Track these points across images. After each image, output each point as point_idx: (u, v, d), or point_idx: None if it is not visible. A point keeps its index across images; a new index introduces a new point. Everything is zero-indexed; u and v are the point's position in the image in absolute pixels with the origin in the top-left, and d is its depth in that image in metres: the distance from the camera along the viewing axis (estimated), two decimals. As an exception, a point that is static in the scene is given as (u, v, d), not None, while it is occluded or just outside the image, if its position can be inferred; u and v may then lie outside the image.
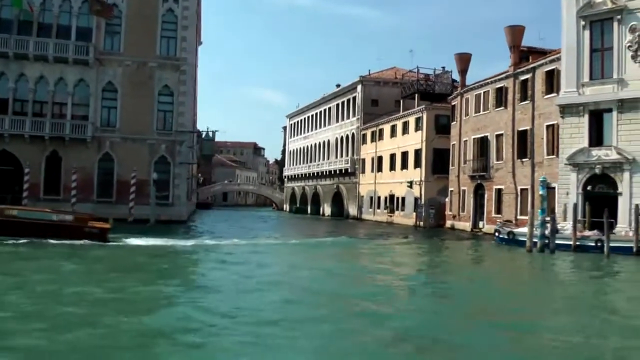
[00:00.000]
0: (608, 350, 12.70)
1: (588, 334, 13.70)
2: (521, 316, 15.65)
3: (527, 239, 33.55)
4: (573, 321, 15.54)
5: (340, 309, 15.72)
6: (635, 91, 36.35)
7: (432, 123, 57.87)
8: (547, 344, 12.75)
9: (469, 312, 16.01)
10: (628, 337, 13.60)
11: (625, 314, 16.78)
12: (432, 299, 18.43)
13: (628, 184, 36.30)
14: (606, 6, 37.76)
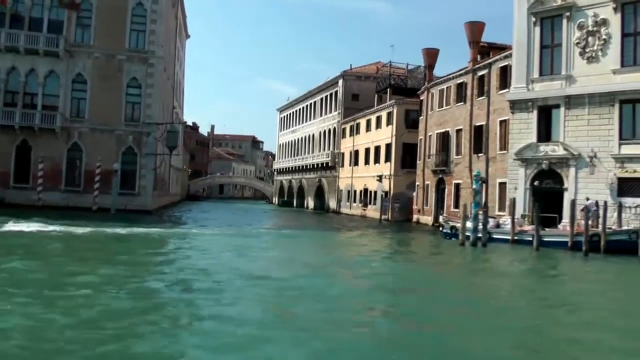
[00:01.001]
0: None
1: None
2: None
3: (460, 233, 33.79)
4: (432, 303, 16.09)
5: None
6: (582, 87, 36.59)
7: (402, 118, 58.20)
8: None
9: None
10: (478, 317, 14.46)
11: (490, 299, 17.49)
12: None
13: (573, 179, 36.60)
14: (556, 3, 38.01)
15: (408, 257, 29.93)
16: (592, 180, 35.99)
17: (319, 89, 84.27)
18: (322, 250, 30.41)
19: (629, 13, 35.84)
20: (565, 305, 16.80)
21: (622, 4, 35.89)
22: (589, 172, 35.99)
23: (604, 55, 36.23)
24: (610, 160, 35.45)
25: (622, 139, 35.30)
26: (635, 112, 35.23)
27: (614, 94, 35.46)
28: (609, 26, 36.14)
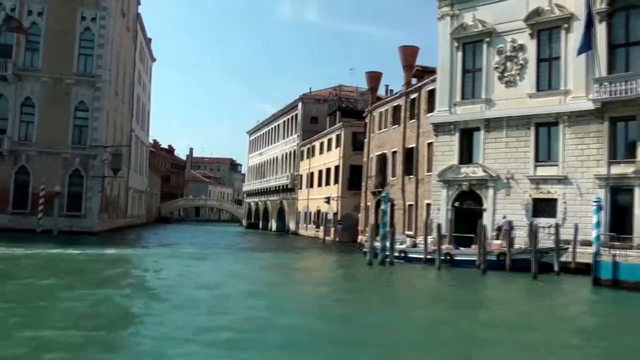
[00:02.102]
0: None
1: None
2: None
3: (368, 252, 34.51)
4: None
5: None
6: (501, 111, 37.57)
7: (349, 140, 59.12)
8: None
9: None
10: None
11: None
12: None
13: (492, 200, 37.41)
14: (477, 29, 39.04)
15: (306, 273, 30.70)
16: (509, 200, 36.86)
17: (281, 112, 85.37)
18: (222, 269, 30.99)
19: (544, 39, 36.92)
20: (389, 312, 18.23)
21: (538, 30, 37.00)
22: (506, 193, 36.82)
23: (521, 79, 37.26)
24: (526, 181, 36.35)
25: (537, 161, 36.23)
26: (550, 135, 36.15)
27: (530, 117, 36.45)
28: (525, 52, 37.22)
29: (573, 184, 34.69)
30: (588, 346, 14.98)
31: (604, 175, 33.69)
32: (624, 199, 33.44)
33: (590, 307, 23.53)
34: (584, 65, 34.68)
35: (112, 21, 54.70)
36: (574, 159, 34.81)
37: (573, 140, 34.98)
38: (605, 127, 33.98)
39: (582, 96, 34.61)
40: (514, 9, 37.60)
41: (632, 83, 32.84)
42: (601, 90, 33.63)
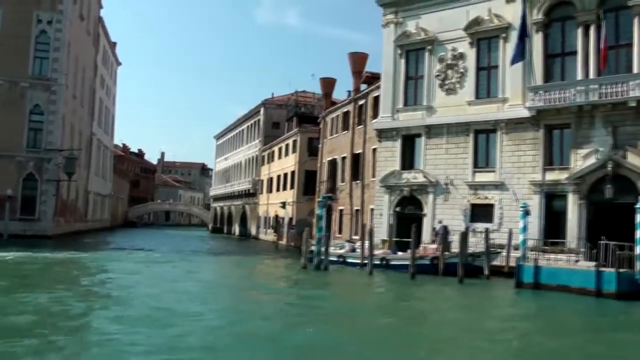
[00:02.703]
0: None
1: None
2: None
3: (302, 256, 34.92)
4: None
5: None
6: (441, 118, 38.23)
7: (305, 146, 59.61)
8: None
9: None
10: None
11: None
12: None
13: (431, 205, 38.02)
14: (419, 37, 39.72)
15: (233, 276, 31.19)
16: (448, 206, 37.50)
17: (245, 117, 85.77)
18: (154, 271, 31.35)
19: (484, 48, 37.69)
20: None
21: (478, 39, 37.75)
22: (444, 199, 37.46)
23: (461, 87, 37.97)
24: (464, 187, 36.99)
25: (476, 167, 36.90)
26: (488, 142, 36.84)
27: (469, 124, 37.14)
28: (465, 60, 37.96)
29: (509, 190, 35.40)
30: (466, 344, 15.54)
31: (539, 181, 34.44)
32: (558, 204, 34.19)
33: (496, 308, 24.10)
34: (521, 74, 35.41)
35: (68, 24, 54.76)
36: (511, 165, 35.52)
37: (510, 147, 35.70)
38: (541, 134, 34.73)
39: (519, 104, 35.34)
40: (455, 18, 38.30)
41: (565, 92, 33.64)
42: (536, 98, 34.41)
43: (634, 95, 31.52)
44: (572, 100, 33.25)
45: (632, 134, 32.07)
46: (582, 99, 32.97)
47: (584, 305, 24.04)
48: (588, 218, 33.23)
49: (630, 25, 33.13)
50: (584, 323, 20.83)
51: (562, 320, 20.84)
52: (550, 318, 21.09)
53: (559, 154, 34.65)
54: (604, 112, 32.77)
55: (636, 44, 32.67)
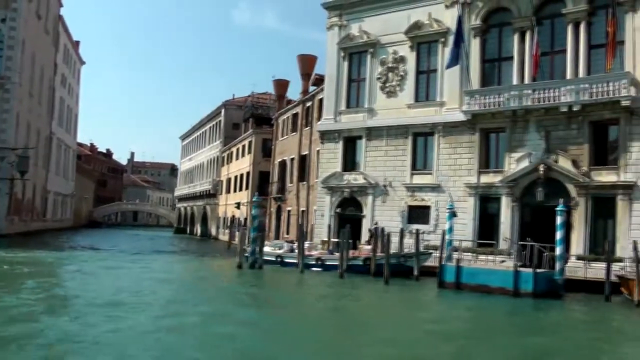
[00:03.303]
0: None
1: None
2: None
3: (238, 256, 35.12)
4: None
5: None
6: (382, 120, 38.67)
7: (259, 147, 59.82)
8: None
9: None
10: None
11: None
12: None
13: (371, 206, 38.38)
14: (362, 40, 40.13)
15: (166, 275, 31.29)
16: (387, 207, 37.89)
17: (208, 118, 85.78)
18: (87, 269, 31.42)
19: (424, 52, 38.20)
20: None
21: (418, 43, 38.23)
22: (382, 200, 37.85)
23: (401, 90, 38.42)
24: (403, 189, 37.39)
25: (414, 169, 37.32)
26: (426, 145, 37.30)
27: (408, 127, 37.59)
28: (406, 63, 38.44)
29: (445, 192, 35.85)
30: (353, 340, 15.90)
31: (474, 184, 34.95)
32: (492, 206, 34.74)
33: (401, 307, 24.35)
34: (459, 78, 35.88)
35: (23, 23, 54.42)
36: (447, 168, 36.00)
37: (447, 150, 36.18)
38: (477, 138, 35.22)
39: (455, 108, 35.84)
40: (397, 21, 38.76)
41: (500, 96, 34.22)
42: (472, 102, 34.93)
43: (565, 101, 32.10)
44: (507, 105, 33.78)
45: (564, 138, 32.69)
46: (516, 104, 33.56)
47: (494, 304, 24.45)
48: (520, 220, 33.77)
49: (564, 32, 33.71)
50: (483, 321, 21.22)
51: (464, 320, 21.25)
52: (454, 318, 21.45)
53: (494, 157, 35.24)
54: (537, 116, 33.37)
55: (569, 50, 33.27)
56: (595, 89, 31.42)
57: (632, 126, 30.98)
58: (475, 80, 35.70)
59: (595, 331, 19.65)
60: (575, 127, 32.45)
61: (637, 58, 31.46)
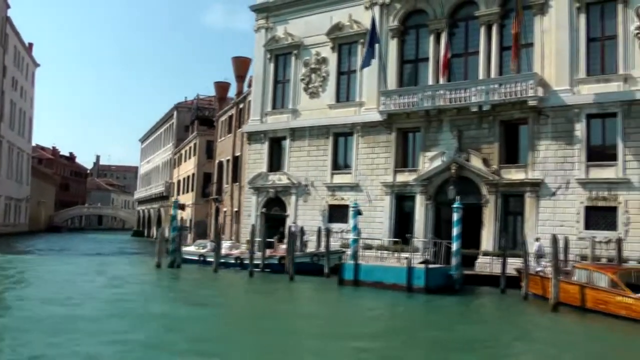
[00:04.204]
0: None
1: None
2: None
3: (156, 256, 35.38)
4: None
5: None
6: (304, 121, 39.16)
7: (203, 148, 60.08)
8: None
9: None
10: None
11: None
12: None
13: (294, 206, 38.78)
14: (287, 41, 40.60)
15: (86, 274, 31.59)
16: (309, 207, 38.32)
17: (162, 120, 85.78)
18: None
19: (344, 53, 38.73)
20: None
21: (339, 44, 38.75)
22: (303, 200, 38.29)
23: (323, 91, 38.91)
24: (324, 188, 37.82)
25: (334, 169, 37.75)
26: (346, 144, 37.76)
27: (329, 127, 38.07)
28: (328, 64, 38.93)
29: (363, 191, 36.30)
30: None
31: (390, 183, 35.43)
32: (407, 205, 35.26)
33: (295, 302, 24.95)
34: (377, 78, 36.37)
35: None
36: (365, 167, 36.50)
37: (365, 149, 36.68)
38: (393, 137, 35.72)
39: (373, 108, 36.35)
40: (319, 23, 39.23)
41: (414, 96, 34.72)
42: (388, 102, 35.48)
43: (476, 101, 32.65)
44: (420, 105, 34.30)
45: (476, 137, 33.31)
46: (429, 104, 34.07)
47: (376, 298, 25.12)
48: (435, 218, 34.34)
49: (478, 34, 34.35)
50: (343, 315, 21.76)
51: (332, 313, 21.87)
52: (324, 311, 22.10)
53: (410, 156, 35.75)
54: (450, 116, 33.97)
55: (482, 52, 33.92)
56: (504, 90, 32.10)
57: (539, 125, 31.61)
58: (394, 81, 36.25)
59: (460, 323, 20.21)
60: (486, 127, 33.05)
61: (546, 59, 32.06)
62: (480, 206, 32.67)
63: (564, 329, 19.83)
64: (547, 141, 31.36)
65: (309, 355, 14.23)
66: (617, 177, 29.39)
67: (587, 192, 30.05)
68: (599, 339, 18.20)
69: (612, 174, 29.60)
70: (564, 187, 30.66)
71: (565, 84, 31.27)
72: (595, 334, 18.94)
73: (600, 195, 29.82)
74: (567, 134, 30.92)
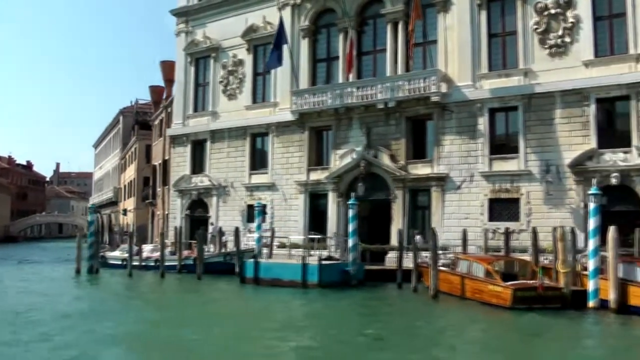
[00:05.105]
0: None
1: None
2: None
3: (75, 262, 35.44)
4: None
5: None
6: (224, 122, 39.98)
7: (143, 153, 60.11)
8: None
9: None
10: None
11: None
12: None
13: (215, 207, 39.16)
14: (205, 45, 41.03)
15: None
16: (229, 207, 38.76)
17: (111, 125, 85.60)
18: None
19: (260, 54, 39.30)
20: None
21: (254, 46, 39.27)
22: (222, 201, 38.74)
23: (241, 92, 39.48)
24: (242, 189, 38.27)
25: (253, 169, 38.20)
26: (263, 145, 38.23)
27: (246, 128, 38.54)
28: (244, 66, 39.38)
29: (279, 190, 36.76)
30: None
31: (304, 181, 35.91)
32: (320, 203, 35.79)
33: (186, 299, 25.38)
34: (289, 78, 36.82)
35: None
36: (280, 166, 37.02)
37: (280, 149, 37.19)
38: (306, 136, 36.24)
39: (287, 108, 36.86)
40: (236, 25, 39.71)
41: (324, 95, 35.22)
42: (299, 102, 35.99)
43: (382, 98, 33.25)
44: (329, 104, 34.81)
45: (384, 134, 33.91)
46: (338, 102, 34.55)
47: (274, 295, 25.53)
48: (346, 215, 34.77)
49: (385, 32, 34.92)
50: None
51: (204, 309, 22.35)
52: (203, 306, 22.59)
53: (322, 154, 36.27)
54: (359, 114, 34.55)
55: (389, 49, 34.52)
56: (409, 86, 32.64)
57: (444, 121, 32.29)
58: (306, 80, 36.73)
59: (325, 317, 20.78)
60: (393, 123, 33.67)
61: (449, 56, 32.74)
62: (389, 202, 33.21)
63: (432, 315, 20.74)
64: (451, 136, 31.97)
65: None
66: (519, 169, 30.03)
67: (491, 185, 30.68)
68: (457, 323, 19.07)
69: (514, 167, 30.24)
70: (468, 181, 31.28)
71: (468, 79, 31.89)
72: (456, 320, 19.80)
73: (503, 187, 30.47)
74: (470, 128, 31.57)
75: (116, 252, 39.33)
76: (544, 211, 29.15)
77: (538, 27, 30.34)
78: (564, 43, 29.75)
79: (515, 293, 20.76)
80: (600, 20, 29.38)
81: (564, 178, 28.75)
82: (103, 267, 38.12)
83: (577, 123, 28.83)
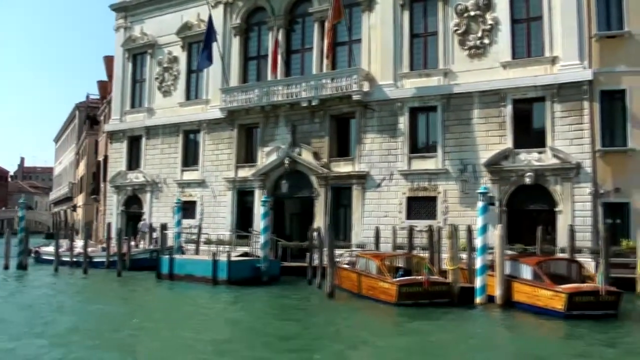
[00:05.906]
0: None
1: None
2: None
3: (4, 258, 35.57)
4: None
5: None
6: (158, 119, 40.57)
7: (92, 149, 60.13)
8: None
9: None
10: None
11: None
12: None
13: (149, 204, 39.57)
14: (142, 41, 41.37)
15: None
16: (162, 204, 39.15)
17: (68, 119, 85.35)
18: None
19: (194, 52, 39.63)
20: None
21: (189, 43, 39.59)
22: (155, 197, 39.16)
23: (175, 89, 39.86)
24: (175, 185, 38.68)
25: (185, 166, 38.63)
26: (195, 142, 38.67)
27: (180, 125, 38.95)
28: (179, 63, 39.73)
29: (209, 187, 37.24)
30: None
31: (232, 178, 36.43)
32: (248, 200, 36.29)
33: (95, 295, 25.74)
34: (221, 76, 37.25)
35: None
36: (210, 163, 37.51)
37: (210, 146, 37.67)
38: (235, 133, 36.73)
39: (217, 105, 37.26)
40: (172, 22, 40.12)
41: (252, 93, 35.74)
42: (228, 99, 36.47)
43: (306, 96, 33.80)
44: (257, 101, 35.34)
45: (308, 132, 34.50)
46: (265, 100, 35.07)
47: (184, 291, 26.08)
48: (273, 212, 35.34)
49: (312, 30, 35.48)
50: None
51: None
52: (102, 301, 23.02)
53: (251, 152, 36.79)
54: (285, 112, 35.13)
55: (315, 48, 35.07)
56: (332, 85, 33.20)
57: (366, 119, 32.88)
58: (237, 78, 37.20)
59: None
60: (318, 121, 34.23)
61: (372, 55, 33.31)
62: (312, 199, 33.80)
63: (315, 312, 21.26)
64: (373, 134, 32.58)
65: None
66: (436, 168, 30.71)
67: (409, 183, 31.33)
68: (331, 320, 19.50)
69: (432, 165, 30.90)
70: (388, 179, 31.91)
71: (389, 78, 32.51)
72: (334, 316, 20.15)
73: (421, 185, 31.13)
74: (391, 127, 32.20)
75: (50, 247, 39.44)
76: (460, 209, 29.78)
77: (458, 28, 30.95)
78: (483, 45, 30.40)
79: (400, 289, 21.21)
80: (518, 23, 30.06)
81: (480, 177, 29.36)
82: (38, 264, 38.38)
83: (494, 123, 29.50)
